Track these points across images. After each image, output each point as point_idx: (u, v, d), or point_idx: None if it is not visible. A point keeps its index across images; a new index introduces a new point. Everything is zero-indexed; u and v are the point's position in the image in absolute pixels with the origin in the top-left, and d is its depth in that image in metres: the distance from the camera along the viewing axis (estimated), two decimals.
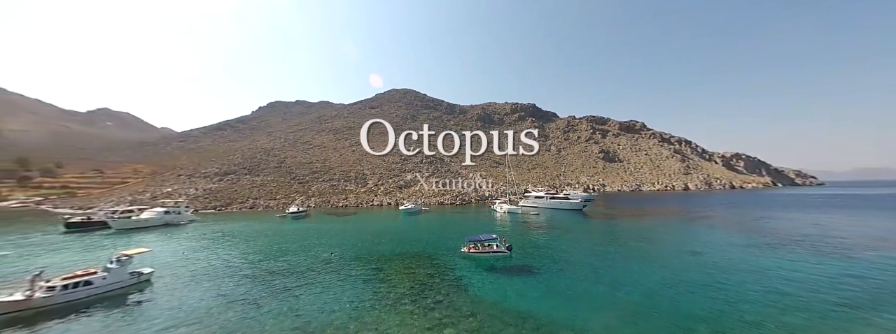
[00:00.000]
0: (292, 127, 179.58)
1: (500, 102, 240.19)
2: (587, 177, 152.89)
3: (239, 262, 27.87)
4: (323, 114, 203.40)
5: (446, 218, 57.58)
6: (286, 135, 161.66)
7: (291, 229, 46.08)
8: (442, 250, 29.92)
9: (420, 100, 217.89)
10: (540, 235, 38.48)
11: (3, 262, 28.14)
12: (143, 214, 51.10)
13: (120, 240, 38.31)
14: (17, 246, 35.31)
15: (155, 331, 15.43)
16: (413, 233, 40.55)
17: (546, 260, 26.69)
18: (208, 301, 19.10)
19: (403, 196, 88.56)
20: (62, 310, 17.49)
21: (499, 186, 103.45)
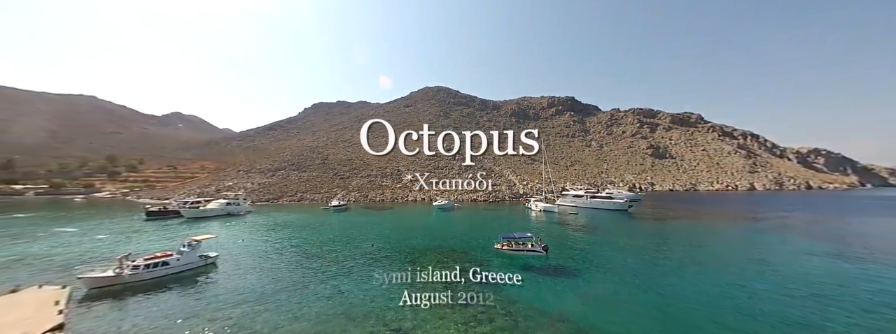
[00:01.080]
0: (334, 126, 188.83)
1: (536, 97, 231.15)
2: (633, 176, 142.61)
3: (290, 250, 30.07)
4: (361, 113, 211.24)
5: (479, 215, 57.15)
6: (328, 133, 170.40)
7: (334, 221, 48.89)
8: (475, 246, 29.79)
9: (452, 97, 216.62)
10: (579, 236, 36.59)
11: (101, 245, 32.86)
12: (209, 205, 56.90)
13: (190, 227, 42.99)
14: (109, 230, 41.10)
15: (218, 307, 17.13)
16: (446, 229, 40.89)
17: (586, 262, 25.38)
18: (264, 283, 20.85)
19: (436, 192, 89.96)
20: (144, 286, 20.05)
21: (534, 184, 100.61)
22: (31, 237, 36.35)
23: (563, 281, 20.88)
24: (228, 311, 16.64)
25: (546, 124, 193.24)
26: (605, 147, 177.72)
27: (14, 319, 15.01)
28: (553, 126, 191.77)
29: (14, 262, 26.00)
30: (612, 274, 22.60)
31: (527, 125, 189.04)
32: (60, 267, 24.27)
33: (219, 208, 56.23)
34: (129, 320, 15.80)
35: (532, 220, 49.35)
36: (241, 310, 16.73)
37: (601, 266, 24.63)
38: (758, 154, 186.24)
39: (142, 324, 15.33)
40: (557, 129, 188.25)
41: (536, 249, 26.21)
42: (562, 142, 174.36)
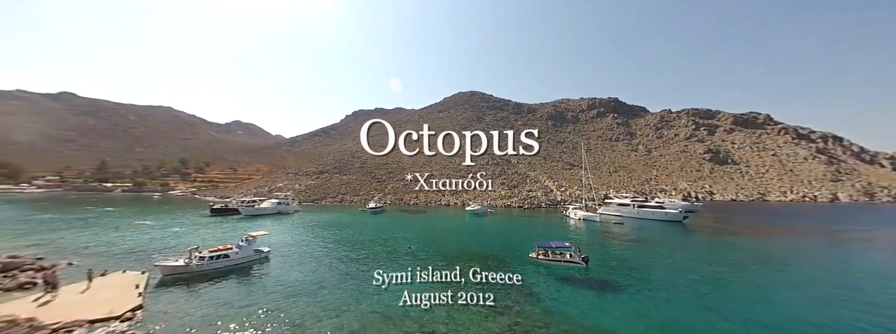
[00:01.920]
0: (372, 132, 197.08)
1: (575, 99, 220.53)
2: (688, 183, 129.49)
3: (333, 247, 31.59)
4: (397, 119, 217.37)
5: (513, 221, 55.57)
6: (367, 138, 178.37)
7: (372, 222, 50.77)
8: (509, 253, 28.92)
9: (486, 101, 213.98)
10: (624, 248, 33.81)
11: (175, 237, 36.87)
12: (262, 204, 61.69)
13: (247, 224, 46.81)
14: (181, 224, 46.06)
15: (270, 298, 18.38)
16: (480, 234, 40.34)
17: (632, 277, 23.28)
18: (310, 278, 22.04)
19: (469, 197, 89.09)
20: (209, 276, 22.03)
21: (572, 191, 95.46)
22: (118, 228, 41.86)
23: (606, 296, 19.40)
24: (278, 303, 17.72)
25: (586, 127, 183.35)
26: (655, 151, 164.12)
27: (103, 298, 17.20)
28: (594, 129, 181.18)
29: (105, 250, 30.01)
30: (663, 291, 20.51)
31: (564, 129, 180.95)
32: (140, 255, 27.55)
33: (271, 207, 60.73)
34: (195, 305, 17.43)
35: (570, 229, 46.52)
36: (289, 302, 17.74)
37: (650, 281, 22.49)
38: (841, 159, 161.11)
39: (206, 309, 16.80)
40: (599, 133, 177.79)
41: (575, 260, 24.57)
42: (604, 146, 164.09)
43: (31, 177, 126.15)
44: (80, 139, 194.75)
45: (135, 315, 15.87)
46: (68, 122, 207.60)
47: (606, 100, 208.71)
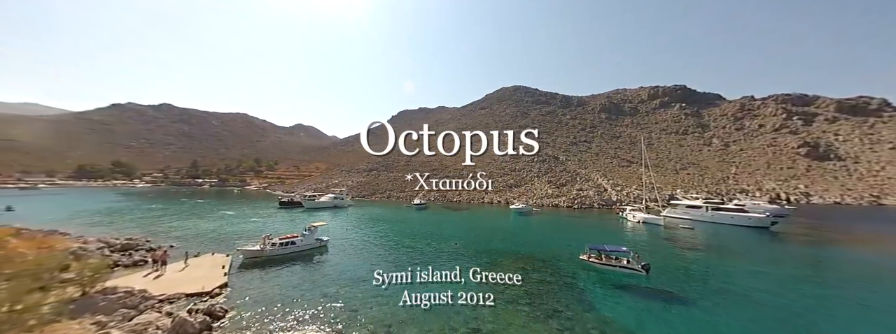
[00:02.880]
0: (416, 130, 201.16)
1: (632, 88, 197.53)
2: (776, 183, 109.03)
3: (383, 240, 33.12)
4: (439, 117, 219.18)
5: (561, 221, 52.46)
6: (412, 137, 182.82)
7: (417, 217, 52.04)
8: (557, 255, 27.21)
9: (531, 95, 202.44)
10: (694, 257, 29.30)
11: (252, 225, 41.49)
12: (321, 198, 66.76)
13: (309, 216, 50.91)
14: (256, 215, 51.76)
15: (329, 283, 19.91)
16: (525, 234, 38.80)
17: (705, 290, 20.23)
18: (365, 267, 23.27)
19: (513, 195, 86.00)
20: (279, 260, 24.38)
21: (630, 190, 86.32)
22: (207, 217, 48.20)
23: (672, 309, 17.08)
24: (337, 288, 18.98)
25: (647, 120, 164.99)
26: (733, 145, 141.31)
27: (197, 276, 19.86)
28: (656, 121, 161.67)
29: (197, 234, 34.75)
30: (746, 308, 17.56)
31: (621, 122, 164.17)
32: (225, 240, 31.41)
33: (328, 201, 65.47)
34: (269, 285, 19.43)
35: (628, 233, 41.98)
36: (346, 289, 18.90)
37: (728, 295, 19.39)
38: None
39: (277, 289, 18.64)
40: (663, 125, 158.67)
41: (634, 267, 22.15)
42: (669, 140, 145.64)
43: (142, 173, 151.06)
44: (177, 142, 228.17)
45: (222, 291, 18.12)
46: (168, 129, 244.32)
47: (672, 88, 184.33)
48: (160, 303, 16.16)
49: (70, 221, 41.07)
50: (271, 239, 26.09)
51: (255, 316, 15.35)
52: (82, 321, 12.55)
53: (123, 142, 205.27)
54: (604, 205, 76.68)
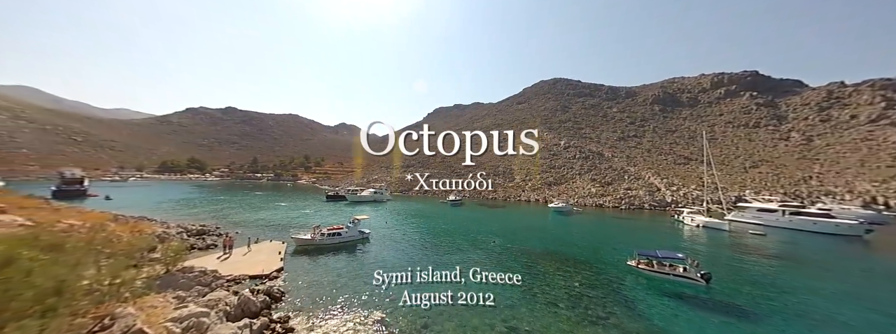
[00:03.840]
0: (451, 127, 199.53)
1: (691, 76, 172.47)
2: (872, 184, 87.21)
3: (422, 234, 33.63)
4: (475, 113, 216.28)
5: (606, 223, 48.69)
6: None
7: (452, 214, 52.20)
8: (601, 259, 25.36)
9: (572, 88, 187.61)
10: (767, 268, 25.20)
11: (303, 216, 44.28)
12: (363, 192, 69.52)
13: (352, 209, 53.23)
14: (307, 207, 55.20)
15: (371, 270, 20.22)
16: (565, 235, 36.59)
17: (777, 308, 17.13)
18: (404, 260, 23.88)
19: (553, 193, 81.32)
20: (327, 249, 25.71)
21: (688, 190, 76.01)
22: (265, 208, 52.24)
23: (738, 326, 14.90)
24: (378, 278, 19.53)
25: (709, 111, 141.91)
26: (818, 140, 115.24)
27: (258, 260, 21.52)
28: (721, 113, 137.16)
29: (258, 223, 37.75)
30: (831, 330, 14.99)
31: (677, 114, 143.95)
32: (280, 229, 33.78)
33: (369, 195, 67.96)
34: (319, 271, 20.57)
35: (685, 238, 37.30)
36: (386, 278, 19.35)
37: (810, 317, 16.13)
38: None
39: (326, 276, 19.65)
40: (728, 117, 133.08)
41: (691, 276, 19.76)
42: (736, 134, 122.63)
43: (212, 169, 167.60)
44: (240, 141, 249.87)
45: (279, 274, 19.49)
46: (232, 129, 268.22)
47: (740, 75, 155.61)
48: (228, 283, 17.72)
49: (155, 209, 46.63)
50: (320, 229, 27.57)
51: (308, 299, 16.28)
52: (166, 295, 14.10)
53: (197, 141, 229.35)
54: (656, 207, 68.78)
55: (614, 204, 71.21)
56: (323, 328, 13.55)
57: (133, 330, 10.21)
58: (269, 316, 14.00)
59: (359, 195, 67.74)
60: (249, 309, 14.22)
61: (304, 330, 13.39)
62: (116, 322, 10.17)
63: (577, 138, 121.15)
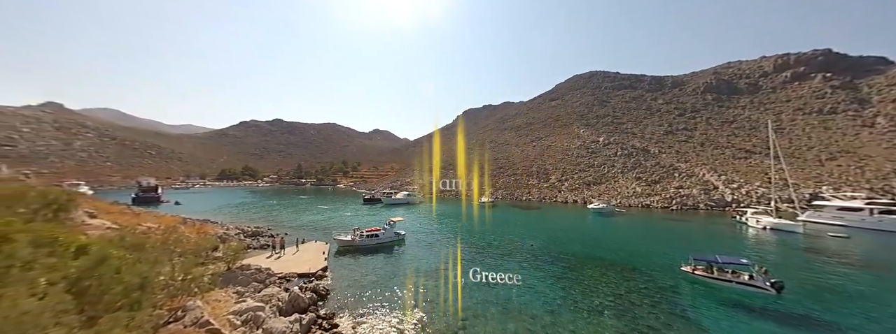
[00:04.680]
0: (481, 128, 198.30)
1: (750, 59, 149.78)
2: None
3: (455, 236, 33.42)
4: (505, 113, 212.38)
5: (654, 225, 44.52)
6: (477, 136, 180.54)
7: (484, 216, 50.99)
8: (650, 264, 23.22)
9: (610, 80, 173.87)
10: (851, 276, 21.43)
11: (344, 218, 46.11)
12: (397, 195, 70.95)
13: (387, 211, 54.51)
14: (348, 210, 57.40)
15: (408, 273, 20.76)
16: (607, 237, 34.18)
17: (867, 323, 14.51)
18: (438, 261, 23.77)
19: (592, 194, 75.96)
20: (366, 250, 26.50)
21: (751, 188, 65.53)
22: (309, 210, 55.06)
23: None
24: (416, 278, 19.74)
25: (773, 97, 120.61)
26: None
27: (304, 259, 22.63)
28: (788, 99, 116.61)
29: (303, 224, 39.85)
30: None
31: (734, 102, 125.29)
32: (324, 230, 35.38)
33: (403, 198, 69.25)
34: (360, 270, 21.22)
35: (749, 242, 32.77)
36: (423, 279, 19.51)
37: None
38: None
39: (366, 276, 20.20)
40: (797, 103, 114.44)
41: (758, 284, 17.37)
42: (808, 122, 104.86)
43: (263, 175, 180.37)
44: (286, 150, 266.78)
45: (324, 273, 20.34)
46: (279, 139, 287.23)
47: (809, 54, 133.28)
48: (279, 280, 18.78)
49: (216, 212, 50.96)
50: (359, 231, 28.47)
51: (350, 298, 16.79)
52: (227, 290, 15.24)
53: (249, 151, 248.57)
54: (713, 207, 60.72)
55: (663, 204, 64.27)
56: (365, 326, 13.84)
57: (201, 321, 11.09)
58: (316, 312, 14.59)
59: (393, 198, 69.30)
60: (299, 305, 14.93)
61: (349, 327, 13.76)
62: (187, 314, 11.12)
63: (617, 134, 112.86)
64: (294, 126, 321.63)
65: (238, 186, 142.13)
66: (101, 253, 6.07)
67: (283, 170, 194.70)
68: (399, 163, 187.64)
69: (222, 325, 11.26)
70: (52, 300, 4.87)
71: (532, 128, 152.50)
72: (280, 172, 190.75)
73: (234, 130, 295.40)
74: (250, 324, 11.96)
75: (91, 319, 5.77)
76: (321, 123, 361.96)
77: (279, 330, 11.47)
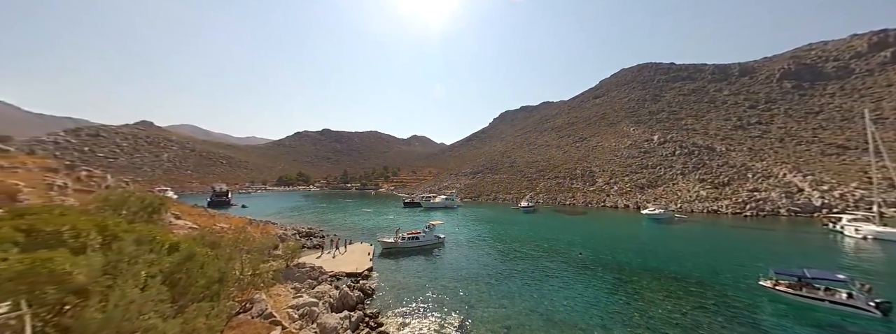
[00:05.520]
0: (519, 131, 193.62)
1: (839, 38, 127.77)
2: None
3: (494, 242, 32.95)
4: (544, 114, 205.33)
5: (723, 233, 38.95)
6: (514, 138, 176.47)
7: (524, 221, 49.31)
8: (720, 278, 20.33)
9: (664, 72, 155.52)
10: None
11: (386, 221, 47.65)
12: (435, 199, 71.67)
13: (426, 215, 55.26)
14: (389, 213, 59.23)
15: (448, 276, 20.72)
16: (665, 247, 30.72)
17: None
18: (477, 266, 23.47)
19: (646, 198, 68.90)
20: (407, 252, 27.11)
21: (847, 190, 54.77)
22: (355, 213, 57.70)
23: None
24: (454, 281, 19.65)
25: (869, 82, 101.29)
26: None
27: (352, 259, 23.66)
28: (888, 83, 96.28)
29: (350, 226, 41.81)
30: None
31: (820, 90, 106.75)
32: (368, 232, 36.79)
33: (441, 202, 69.71)
34: (402, 272, 21.67)
35: (845, 254, 27.85)
36: (463, 283, 19.38)
37: None
38: None
39: (408, 278, 20.56)
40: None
41: (860, 304, 14.60)
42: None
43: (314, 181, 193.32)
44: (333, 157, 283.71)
45: (370, 273, 21.11)
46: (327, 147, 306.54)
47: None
48: (330, 278, 19.79)
49: (275, 214, 55.44)
50: (401, 233, 29.15)
51: (394, 298, 17.15)
52: (286, 285, 16.39)
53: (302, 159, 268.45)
54: (798, 213, 51.82)
55: (734, 209, 56.22)
56: (409, 328, 13.97)
57: (265, 313, 12.00)
58: (363, 311, 15.09)
59: (432, 202, 70.13)
60: (348, 303, 15.56)
61: (394, 328, 14.01)
62: (254, 306, 12.10)
63: (675, 131, 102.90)
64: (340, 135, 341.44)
65: (293, 191, 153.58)
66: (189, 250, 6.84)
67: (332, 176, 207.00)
68: (436, 167, 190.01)
69: (283, 318, 12.08)
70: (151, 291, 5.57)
71: (575, 127, 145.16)
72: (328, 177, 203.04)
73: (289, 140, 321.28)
74: (306, 318, 12.68)
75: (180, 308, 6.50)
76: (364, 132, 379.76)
77: (331, 325, 12.01)
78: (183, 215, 24.69)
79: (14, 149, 21.58)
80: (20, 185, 14.51)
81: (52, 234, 5.78)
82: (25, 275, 4.68)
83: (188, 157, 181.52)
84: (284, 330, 11.09)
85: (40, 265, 4.83)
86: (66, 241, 5.86)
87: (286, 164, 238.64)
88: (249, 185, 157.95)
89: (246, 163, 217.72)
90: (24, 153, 22.73)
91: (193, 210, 32.15)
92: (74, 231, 6.07)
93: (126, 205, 11.65)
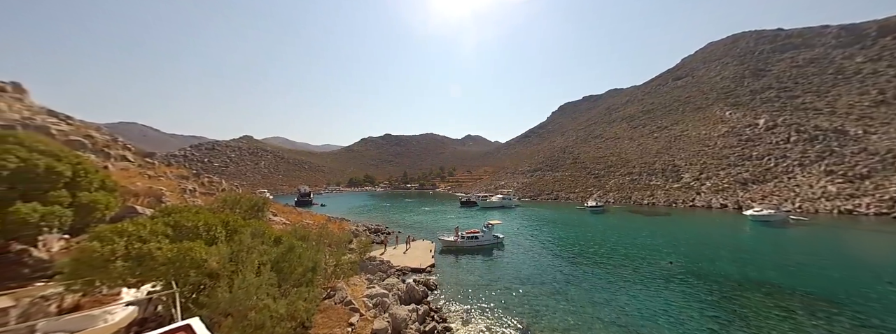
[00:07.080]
0: (582, 123, 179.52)
1: None
2: None
3: (558, 244, 31.20)
4: (612, 103, 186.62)
5: (861, 240, 30.97)
6: (577, 132, 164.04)
7: (593, 222, 45.34)
8: (863, 297, 15.96)
9: (768, 41, 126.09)
10: None
11: (445, 220, 48.86)
12: (492, 198, 70.83)
13: (483, 214, 55.00)
14: (448, 211, 60.60)
15: (508, 278, 20.30)
16: (781, 255, 25.13)
17: None
18: (538, 270, 22.40)
19: (751, 195, 57.28)
20: (466, 250, 27.35)
21: None
22: (415, 211, 60.29)
23: None
24: (515, 284, 19.16)
25: None
26: None
27: (416, 255, 24.84)
28: None
29: (411, 224, 43.87)
30: None
31: None
32: (429, 230, 38.16)
33: (498, 201, 68.56)
34: (462, 271, 21.99)
35: None
36: (525, 286, 18.76)
37: None
38: None
39: (468, 276, 20.79)
40: None
41: None
42: None
43: (378, 182, 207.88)
44: (394, 159, 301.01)
45: (432, 269, 21.89)
46: (389, 151, 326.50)
47: None
48: (397, 272, 21.08)
49: (348, 212, 61.01)
50: (460, 232, 29.57)
51: (456, 295, 17.48)
52: (360, 276, 17.96)
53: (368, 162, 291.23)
54: None
55: (879, 209, 44.69)
56: (472, 325, 14.09)
57: (346, 300, 13.34)
58: (428, 305, 15.71)
59: (488, 201, 69.48)
60: (414, 296, 16.38)
61: (458, 323, 14.29)
62: (337, 293, 13.54)
63: (787, 112, 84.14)
64: (400, 138, 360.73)
65: (361, 191, 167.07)
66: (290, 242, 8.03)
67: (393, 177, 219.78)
68: (492, 166, 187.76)
69: (360, 306, 13.28)
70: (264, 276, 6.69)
71: (652, 115, 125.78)
72: (391, 178, 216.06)
73: (356, 146, 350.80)
74: (379, 308, 13.73)
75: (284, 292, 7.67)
76: (421, 134, 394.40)
77: (401, 316, 12.79)
78: (278, 213, 28.80)
79: (157, 162, 27.73)
80: (163, 190, 18.63)
81: (191, 229, 7.37)
82: (174, 261, 6.09)
83: (279, 164, 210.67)
84: (362, 317, 12.20)
85: (185, 253, 6.22)
86: (202, 234, 7.42)
87: (355, 168, 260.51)
88: (327, 187, 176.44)
89: (322, 168, 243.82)
90: (164, 165, 29.00)
91: (285, 208, 37.17)
92: (207, 226, 7.62)
93: (238, 205, 14.10)
